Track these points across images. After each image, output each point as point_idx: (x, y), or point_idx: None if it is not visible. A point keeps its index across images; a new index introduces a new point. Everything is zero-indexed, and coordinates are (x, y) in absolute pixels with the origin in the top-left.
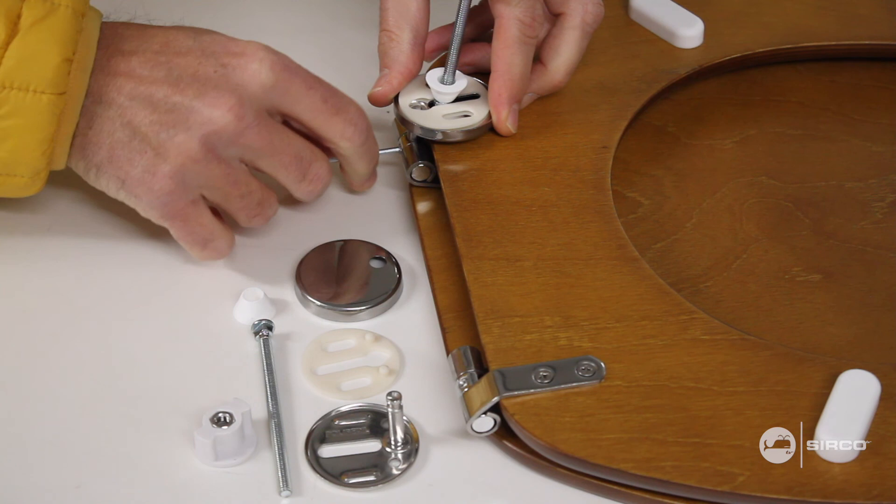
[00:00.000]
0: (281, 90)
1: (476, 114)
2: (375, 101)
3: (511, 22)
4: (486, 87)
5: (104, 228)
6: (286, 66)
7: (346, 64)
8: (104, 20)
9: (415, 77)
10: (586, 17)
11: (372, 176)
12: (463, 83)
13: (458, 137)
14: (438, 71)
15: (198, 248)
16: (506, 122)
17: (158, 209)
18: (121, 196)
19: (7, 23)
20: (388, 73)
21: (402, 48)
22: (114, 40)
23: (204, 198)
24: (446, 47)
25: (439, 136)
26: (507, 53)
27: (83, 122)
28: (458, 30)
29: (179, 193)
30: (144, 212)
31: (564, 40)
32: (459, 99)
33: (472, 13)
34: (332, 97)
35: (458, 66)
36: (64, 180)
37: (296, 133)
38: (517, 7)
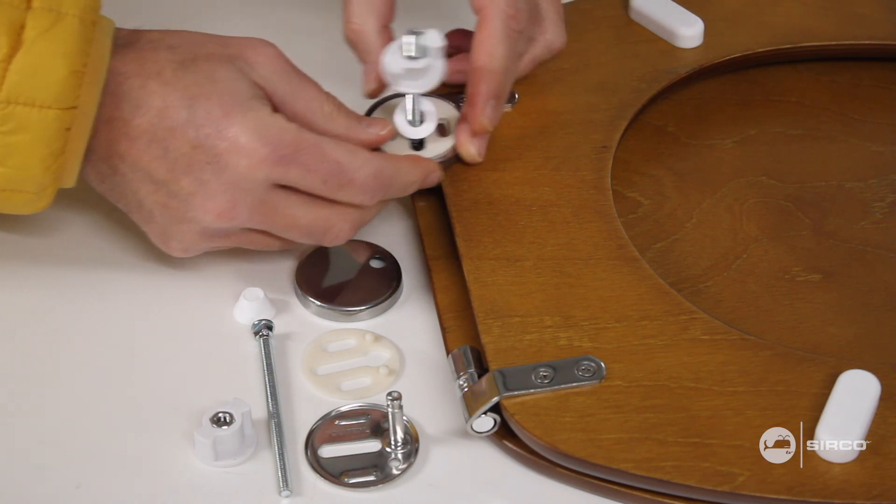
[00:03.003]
0: (278, 179)
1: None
2: (372, 97)
3: (495, 12)
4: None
5: (104, 228)
6: (279, 159)
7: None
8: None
9: None
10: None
11: (426, 182)
12: (430, 127)
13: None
14: (403, 112)
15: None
16: (481, 116)
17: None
18: None
19: (10, 35)
20: (367, 67)
21: (370, 38)
22: (114, 90)
23: None
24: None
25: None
26: (488, 44)
27: (94, 175)
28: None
29: (195, 252)
30: None
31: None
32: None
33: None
34: (334, 176)
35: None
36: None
37: (307, 202)
38: None
